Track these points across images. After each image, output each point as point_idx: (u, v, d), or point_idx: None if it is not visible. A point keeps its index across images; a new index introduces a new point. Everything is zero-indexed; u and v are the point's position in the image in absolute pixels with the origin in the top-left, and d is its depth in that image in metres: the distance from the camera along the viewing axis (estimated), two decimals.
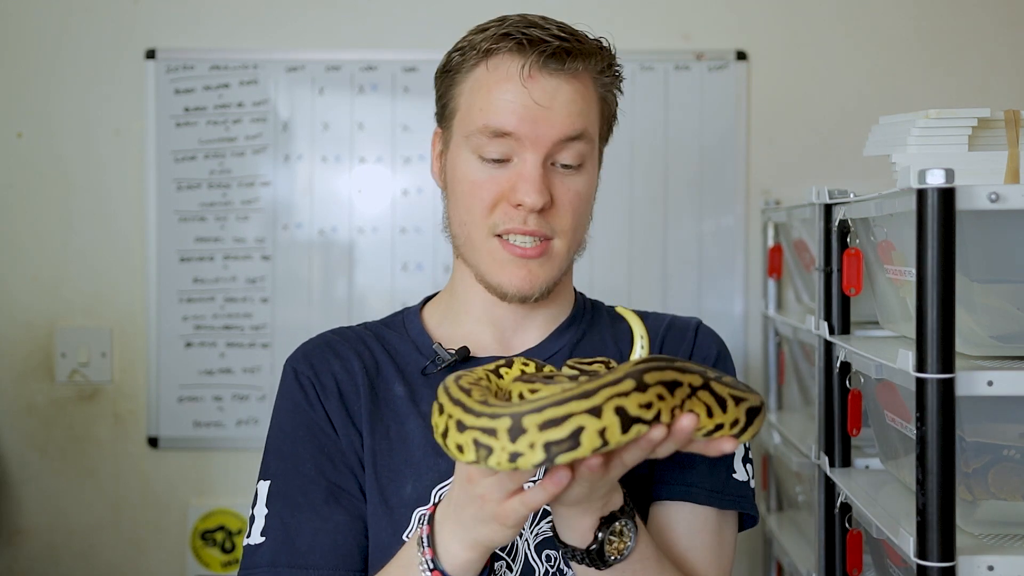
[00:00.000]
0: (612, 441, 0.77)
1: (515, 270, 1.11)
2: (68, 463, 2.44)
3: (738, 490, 1.14)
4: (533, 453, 0.77)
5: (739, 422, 0.86)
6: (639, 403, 0.78)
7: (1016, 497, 1.30)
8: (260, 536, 1.11)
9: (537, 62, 1.09)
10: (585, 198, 1.14)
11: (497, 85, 1.10)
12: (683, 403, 0.82)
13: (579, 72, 1.11)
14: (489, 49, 1.11)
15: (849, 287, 1.59)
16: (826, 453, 1.68)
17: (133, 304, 2.44)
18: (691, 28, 2.41)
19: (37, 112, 2.43)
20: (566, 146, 1.10)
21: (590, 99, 1.12)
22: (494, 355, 1.17)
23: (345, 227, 2.42)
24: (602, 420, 0.77)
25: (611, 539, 0.95)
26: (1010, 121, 1.40)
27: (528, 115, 1.08)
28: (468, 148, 1.12)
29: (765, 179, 2.41)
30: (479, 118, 1.11)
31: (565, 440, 0.76)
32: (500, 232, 1.11)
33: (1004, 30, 2.40)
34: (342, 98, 2.42)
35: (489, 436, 0.78)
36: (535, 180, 1.08)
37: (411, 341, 1.20)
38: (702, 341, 1.21)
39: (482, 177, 1.11)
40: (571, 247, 1.14)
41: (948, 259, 1.18)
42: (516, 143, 1.09)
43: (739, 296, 2.40)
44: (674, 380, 0.81)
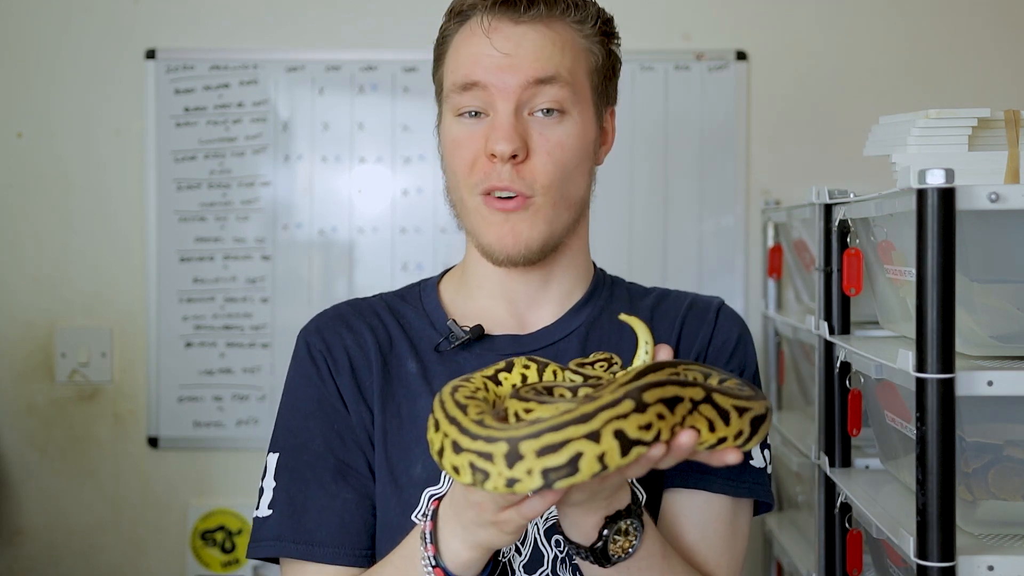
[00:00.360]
0: (612, 465, 0.76)
1: (499, 226, 1.09)
2: (68, 463, 2.44)
3: (755, 477, 1.13)
4: (531, 479, 0.75)
5: (743, 433, 0.84)
6: (639, 425, 0.77)
7: (1016, 497, 1.30)
8: (268, 509, 1.11)
9: (494, 12, 1.09)
10: (571, 148, 1.10)
11: (465, 42, 1.11)
12: (683, 420, 0.81)
13: (546, 18, 1.10)
14: (457, 11, 1.13)
15: (849, 287, 1.59)
16: (826, 453, 1.68)
17: (133, 304, 2.44)
18: (691, 28, 2.41)
19: (37, 112, 2.43)
20: (539, 90, 1.08)
21: (564, 46, 1.10)
22: (509, 332, 1.16)
23: (345, 227, 2.42)
24: (601, 445, 0.75)
25: (615, 538, 0.95)
26: (1010, 121, 1.40)
27: (492, 63, 1.08)
28: (449, 111, 1.12)
29: (765, 179, 2.41)
30: (451, 77, 1.11)
31: (563, 467, 0.75)
32: (484, 191, 1.09)
33: (1004, 30, 2.40)
34: (342, 98, 2.42)
35: (486, 461, 0.76)
36: (504, 127, 1.07)
37: (426, 316, 1.19)
38: (723, 323, 1.18)
39: (461, 134, 1.11)
40: (558, 203, 1.10)
41: (948, 259, 1.18)
42: (486, 94, 1.08)
43: (739, 296, 2.40)
44: (675, 396, 0.80)
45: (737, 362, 1.17)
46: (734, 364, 1.16)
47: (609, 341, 1.16)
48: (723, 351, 1.16)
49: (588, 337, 1.16)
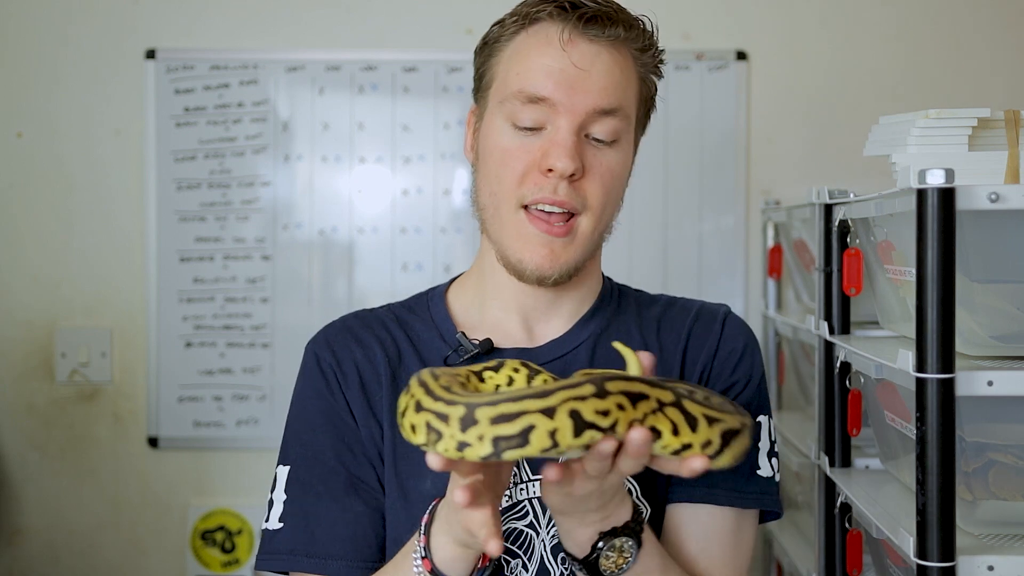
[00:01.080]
0: (563, 443, 0.76)
1: (538, 247, 1.08)
2: (68, 463, 2.44)
3: (761, 487, 1.12)
4: (481, 445, 0.76)
5: (712, 443, 0.82)
6: (595, 409, 0.77)
7: (1016, 497, 1.30)
8: (279, 522, 1.11)
9: (577, 26, 1.07)
10: (617, 176, 1.10)
11: (536, 49, 1.08)
12: (645, 417, 0.80)
13: (619, 42, 1.09)
14: (528, 14, 1.09)
15: (849, 287, 1.59)
16: (826, 453, 1.68)
17: (133, 304, 2.44)
18: (691, 28, 2.41)
19: (37, 112, 2.43)
20: (600, 119, 1.07)
21: (628, 73, 1.10)
22: (519, 346, 1.15)
23: (345, 227, 2.42)
24: (554, 421, 0.76)
25: (608, 554, 0.94)
26: (1010, 121, 1.40)
27: (565, 79, 1.06)
28: (502, 115, 1.09)
29: (765, 179, 2.41)
30: (515, 83, 1.08)
31: (514, 437, 0.75)
32: (528, 203, 1.07)
33: (1004, 30, 2.40)
34: (342, 98, 2.42)
35: (441, 421, 0.77)
36: (568, 145, 1.05)
37: (435, 328, 1.17)
38: (729, 332, 1.18)
39: (514, 145, 1.08)
40: (598, 226, 1.10)
41: (948, 259, 1.18)
42: (550, 109, 1.06)
43: (739, 296, 2.40)
44: (640, 392, 0.79)
45: (743, 371, 1.16)
46: (740, 373, 1.16)
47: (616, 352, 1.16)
48: (729, 360, 1.16)
49: (596, 349, 1.16)
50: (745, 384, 1.16)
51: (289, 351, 2.41)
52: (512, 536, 1.09)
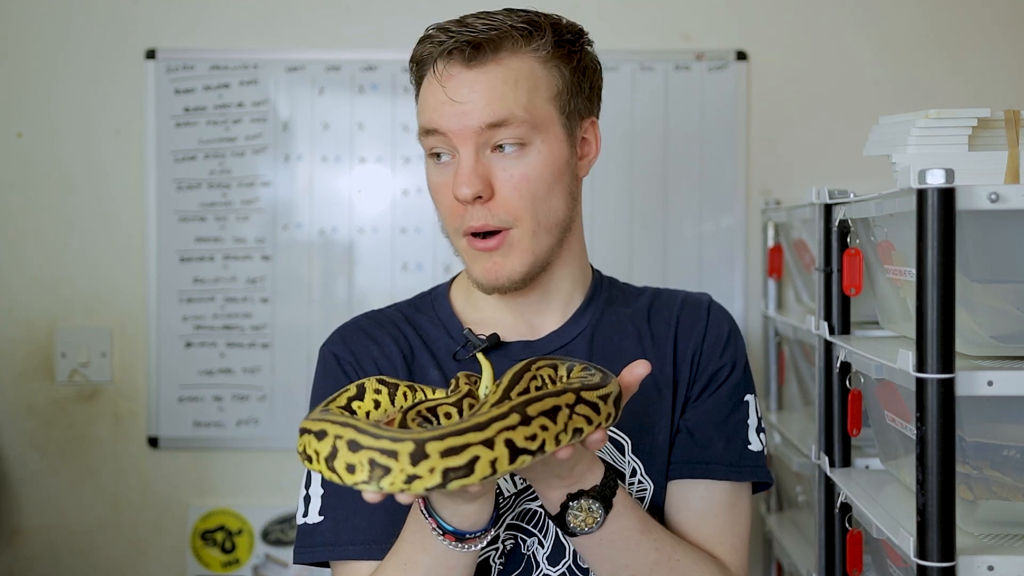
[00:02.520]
0: (500, 470, 0.83)
1: (482, 263, 1.15)
2: (68, 463, 2.44)
3: (753, 460, 1.20)
4: (431, 477, 0.81)
5: (612, 415, 0.93)
6: (524, 436, 0.84)
7: (1017, 497, 1.30)
8: (319, 515, 1.15)
9: (447, 60, 1.13)
10: (536, 179, 1.13)
11: (427, 89, 1.16)
12: (566, 426, 0.88)
13: (498, 59, 1.12)
14: (418, 60, 1.18)
15: (849, 287, 1.59)
16: (826, 453, 1.68)
17: (133, 304, 2.44)
18: (691, 28, 2.41)
19: (37, 112, 2.43)
20: (495, 132, 1.11)
21: (519, 81, 1.12)
22: (522, 338, 1.21)
23: (345, 227, 2.42)
24: (494, 452, 0.83)
25: (576, 513, 1.02)
26: (1010, 121, 1.40)
27: (449, 111, 1.12)
28: (426, 152, 1.18)
29: (765, 179, 2.41)
30: (418, 121, 1.18)
31: (462, 468, 0.82)
32: (464, 231, 1.14)
33: (1004, 30, 2.40)
34: (342, 98, 2.42)
35: (388, 457, 0.82)
36: (465, 173, 1.11)
37: (442, 325, 1.23)
38: (714, 319, 1.24)
39: (438, 180, 1.16)
40: (536, 231, 1.14)
41: (948, 259, 1.18)
42: (446, 140, 1.13)
43: (739, 296, 2.40)
44: (553, 407, 0.87)
45: (730, 354, 1.23)
46: (727, 356, 1.23)
47: (612, 340, 1.22)
48: (716, 344, 1.23)
49: (594, 338, 1.22)
50: (732, 367, 1.23)
51: (289, 351, 2.41)
52: (527, 516, 1.15)
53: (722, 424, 1.20)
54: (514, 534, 1.15)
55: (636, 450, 1.18)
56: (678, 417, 1.20)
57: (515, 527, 1.16)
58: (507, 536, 1.15)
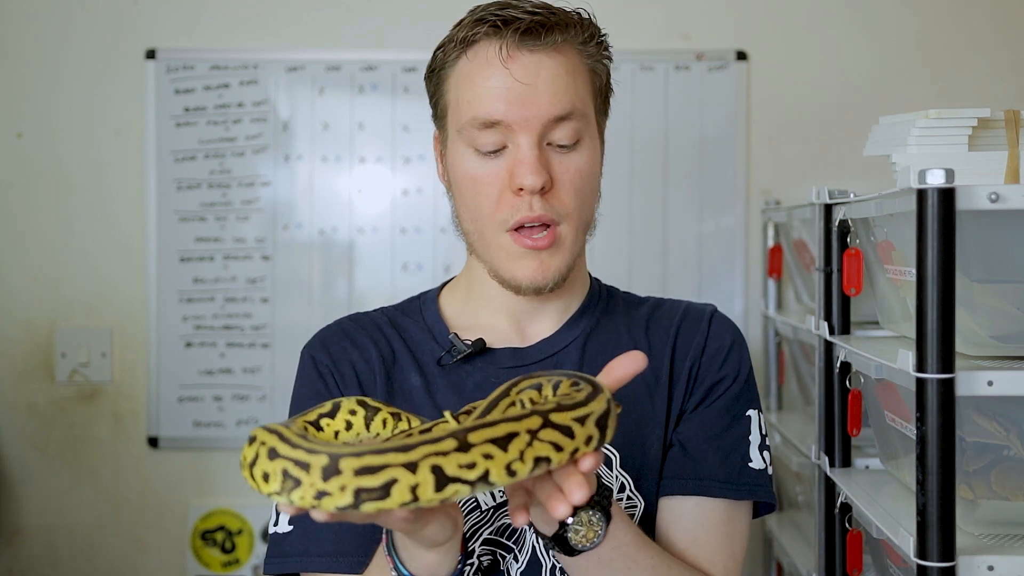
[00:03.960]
0: (423, 498, 0.76)
1: (528, 262, 1.10)
2: (68, 463, 2.44)
3: (754, 479, 1.13)
4: (342, 496, 0.75)
5: (593, 437, 0.83)
6: (459, 463, 0.77)
7: (1019, 496, 1.30)
8: (288, 525, 1.11)
9: (514, 40, 1.07)
10: (587, 175, 1.12)
11: (479, 72, 1.09)
12: (522, 455, 0.79)
13: (560, 45, 1.09)
14: (465, 38, 1.10)
15: (849, 287, 1.59)
16: (826, 453, 1.68)
17: (133, 304, 2.44)
18: (691, 28, 2.41)
19: (37, 112, 2.43)
20: (558, 126, 1.08)
21: (576, 72, 1.10)
22: (511, 345, 1.17)
23: (345, 227, 2.42)
24: (416, 476, 0.76)
25: (577, 528, 0.95)
26: (1010, 121, 1.40)
27: (514, 97, 1.07)
28: (463, 143, 1.11)
29: (765, 179, 2.41)
30: (467, 111, 1.09)
31: (376, 489, 0.75)
32: (512, 226, 1.09)
33: (1004, 30, 2.40)
34: (342, 98, 2.42)
35: (301, 469, 0.76)
36: (531, 162, 1.07)
37: (428, 329, 1.19)
38: (715, 330, 1.18)
39: (482, 172, 1.10)
40: (578, 229, 1.12)
41: (948, 259, 1.18)
42: (507, 130, 1.08)
43: (739, 296, 2.40)
44: (508, 433, 0.79)
45: (731, 367, 1.17)
46: (728, 368, 1.17)
47: (605, 351, 1.17)
48: (716, 356, 1.17)
49: (586, 347, 1.17)
50: (733, 379, 1.17)
51: (289, 351, 2.41)
52: (506, 531, 1.11)
53: (718, 438, 1.14)
54: (492, 550, 1.11)
55: (625, 464, 1.13)
56: (671, 431, 1.15)
57: (493, 542, 1.11)
58: (484, 552, 1.11)
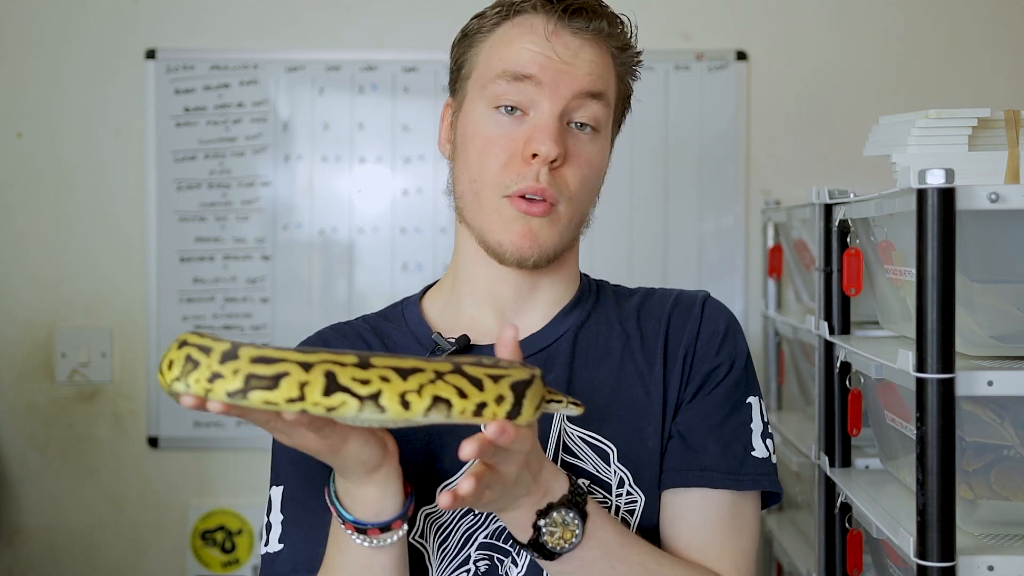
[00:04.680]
0: (309, 398, 0.78)
1: (518, 228, 1.08)
2: (68, 463, 2.44)
3: (758, 468, 1.10)
4: (234, 379, 0.77)
5: (504, 398, 0.83)
6: (353, 376, 0.79)
7: (1019, 496, 1.30)
8: (279, 543, 1.10)
9: (563, 19, 1.08)
10: (596, 166, 1.11)
11: (520, 37, 1.09)
12: (421, 388, 0.80)
13: (602, 37, 1.10)
14: (512, 4, 1.11)
15: (849, 287, 1.59)
16: (826, 453, 1.68)
17: (133, 304, 2.44)
18: (691, 28, 2.41)
19: (37, 112, 2.43)
20: (584, 103, 1.08)
21: (609, 68, 1.11)
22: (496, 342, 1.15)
23: (345, 227, 2.42)
24: (308, 375, 0.78)
25: (552, 530, 0.94)
26: (1010, 121, 1.40)
27: (550, 64, 1.07)
28: (483, 100, 1.10)
29: (765, 179, 2.41)
30: (498, 65, 1.09)
31: (266, 378, 0.77)
32: (513, 192, 1.07)
33: (1004, 30, 2.40)
34: (342, 98, 2.42)
35: (202, 353, 0.79)
36: (551, 130, 1.06)
37: (410, 333, 1.17)
38: (709, 315, 1.16)
39: (497, 132, 1.08)
40: (574, 214, 1.11)
41: (948, 259, 1.18)
42: (536, 89, 1.07)
43: (739, 296, 2.40)
44: (413, 368, 0.81)
45: (727, 352, 1.14)
46: (724, 354, 1.14)
47: (597, 343, 1.15)
48: (712, 342, 1.14)
49: (578, 340, 1.15)
50: (731, 366, 1.14)
51: None
52: (503, 535, 1.08)
53: (718, 427, 1.10)
54: (488, 554, 1.08)
55: (623, 458, 1.09)
56: (670, 422, 1.11)
57: (489, 546, 1.09)
58: (481, 556, 1.08)
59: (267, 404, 0.78)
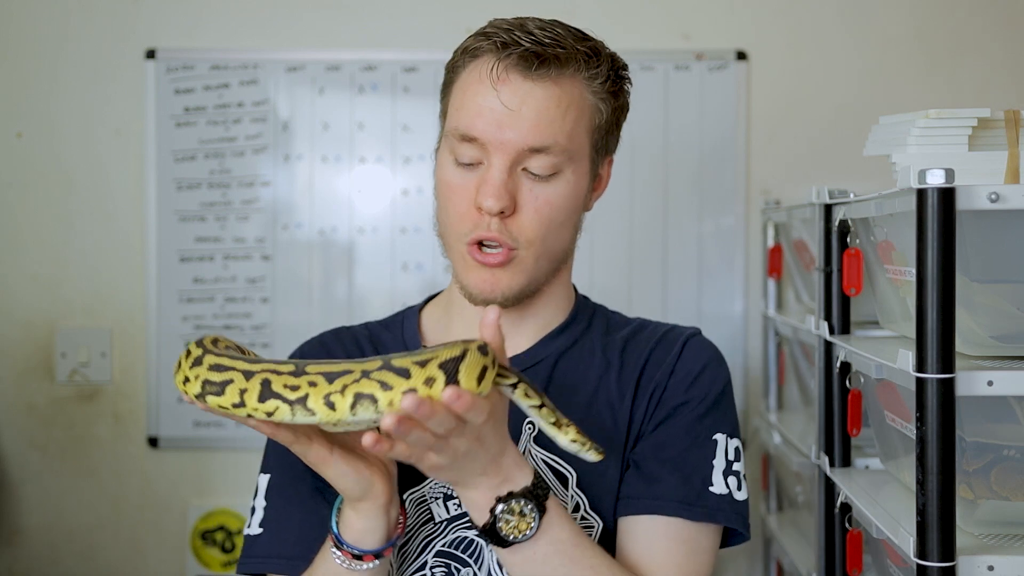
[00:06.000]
0: (248, 404, 0.87)
1: (480, 274, 1.11)
2: (68, 463, 2.44)
3: (715, 503, 1.10)
4: (195, 384, 0.89)
5: (435, 379, 0.85)
6: (285, 383, 0.87)
7: (1019, 496, 1.30)
8: (259, 527, 1.14)
9: (510, 63, 1.08)
10: (558, 207, 1.11)
11: (471, 87, 1.10)
12: (344, 389, 0.85)
13: (557, 78, 1.09)
14: (469, 48, 1.12)
15: (849, 287, 1.59)
16: (826, 453, 1.68)
17: (133, 304, 2.44)
18: (691, 28, 2.41)
19: (37, 112, 2.43)
20: (533, 156, 1.08)
21: (569, 106, 1.09)
22: None
23: (345, 227, 2.42)
24: (248, 384, 0.87)
25: (508, 518, 0.95)
26: (1010, 121, 1.40)
27: (494, 119, 1.07)
28: (447, 149, 1.13)
29: (765, 179, 2.41)
30: (454, 119, 1.11)
31: (216, 384, 0.87)
32: (470, 240, 1.10)
33: (1004, 30, 2.40)
34: (342, 98, 2.42)
35: (184, 356, 0.91)
36: (495, 185, 1.07)
37: (404, 343, 1.21)
38: (688, 354, 1.16)
39: (456, 181, 1.11)
40: (540, 256, 1.12)
41: (948, 259, 1.18)
42: (482, 148, 1.09)
43: (739, 296, 2.40)
44: (343, 371, 0.86)
45: (699, 390, 1.14)
46: (695, 392, 1.14)
47: (576, 371, 1.17)
48: (684, 380, 1.15)
49: (557, 365, 1.17)
50: (699, 402, 1.14)
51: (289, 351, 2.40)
52: (462, 545, 1.11)
53: (675, 460, 1.11)
54: (446, 562, 1.10)
55: (581, 483, 1.11)
56: (629, 451, 1.13)
57: (447, 555, 1.11)
58: (437, 564, 1.10)
59: (220, 408, 0.88)
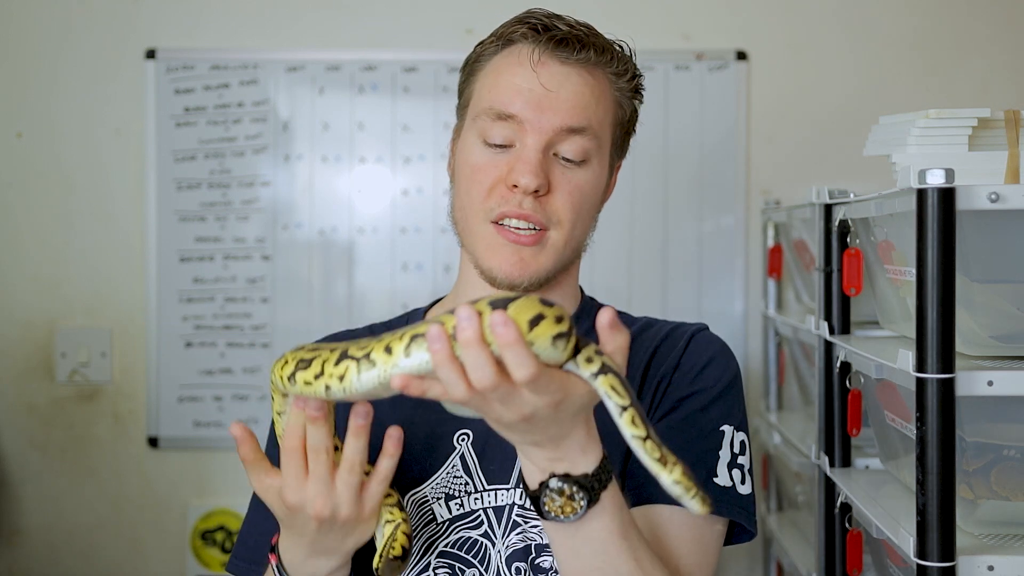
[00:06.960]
0: (325, 372, 0.91)
1: (507, 255, 1.10)
2: (68, 463, 2.44)
3: (717, 494, 1.08)
4: (290, 364, 0.94)
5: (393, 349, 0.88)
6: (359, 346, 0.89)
7: (1019, 496, 1.30)
8: (242, 529, 1.19)
9: (548, 47, 1.10)
10: (586, 194, 1.13)
11: (508, 69, 1.12)
12: (403, 335, 0.86)
13: (591, 65, 1.12)
14: (504, 34, 1.13)
15: (849, 287, 1.59)
16: (826, 453, 1.68)
17: (133, 304, 2.44)
18: (691, 28, 2.41)
19: (37, 112, 2.43)
20: (568, 138, 1.10)
21: (601, 96, 1.12)
22: None
23: (345, 227, 2.42)
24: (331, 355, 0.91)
25: (553, 496, 0.92)
26: (1010, 121, 1.40)
27: (533, 98, 1.09)
28: (474, 132, 1.13)
29: (765, 179, 2.41)
30: (486, 100, 1.12)
31: (306, 361, 0.93)
32: (496, 217, 1.10)
33: (1004, 31, 2.40)
34: (342, 98, 2.42)
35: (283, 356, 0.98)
36: (532, 162, 1.08)
37: None
38: (693, 348, 1.16)
39: (483, 161, 1.12)
40: (569, 240, 1.13)
41: (948, 259, 1.18)
42: (518, 127, 1.10)
43: (739, 296, 2.40)
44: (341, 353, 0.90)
45: (704, 382, 1.14)
46: (700, 383, 1.13)
47: None
48: (689, 373, 1.14)
49: None
50: (705, 394, 1.13)
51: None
52: (466, 545, 1.10)
53: (681, 449, 1.03)
54: (450, 563, 1.09)
55: None
56: None
57: (450, 555, 1.10)
58: (440, 564, 1.09)
59: (305, 384, 0.92)
